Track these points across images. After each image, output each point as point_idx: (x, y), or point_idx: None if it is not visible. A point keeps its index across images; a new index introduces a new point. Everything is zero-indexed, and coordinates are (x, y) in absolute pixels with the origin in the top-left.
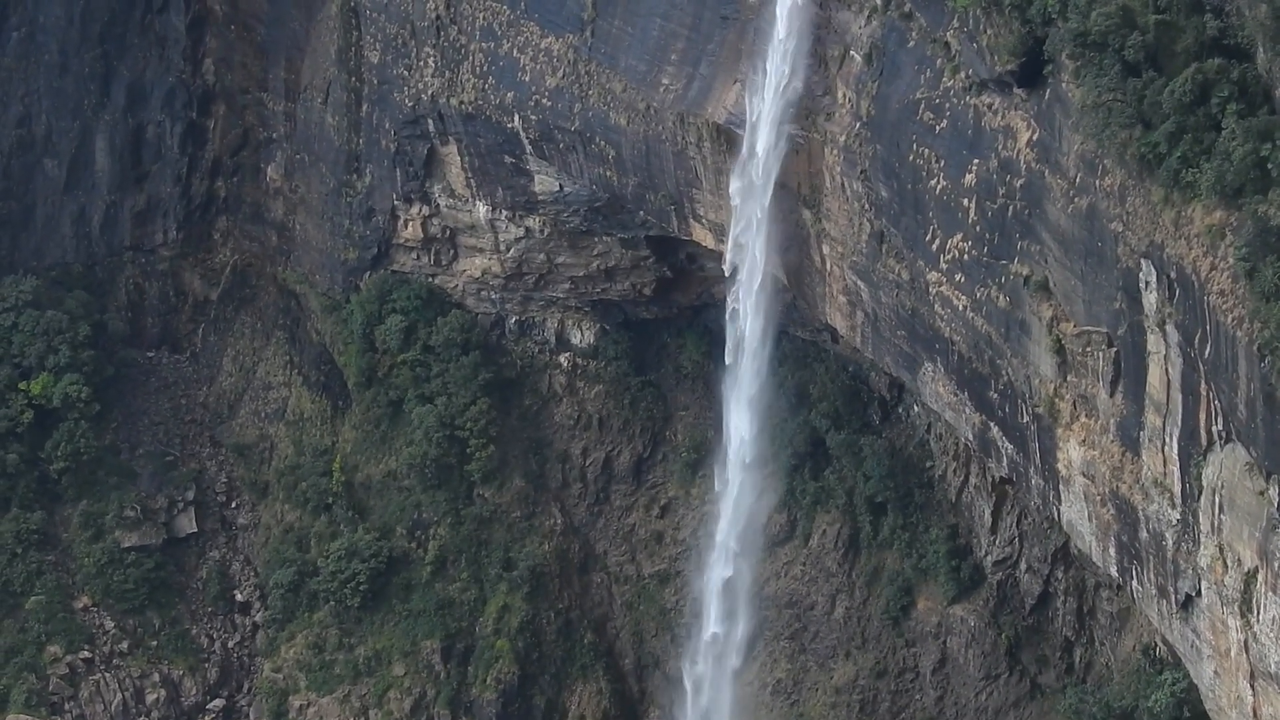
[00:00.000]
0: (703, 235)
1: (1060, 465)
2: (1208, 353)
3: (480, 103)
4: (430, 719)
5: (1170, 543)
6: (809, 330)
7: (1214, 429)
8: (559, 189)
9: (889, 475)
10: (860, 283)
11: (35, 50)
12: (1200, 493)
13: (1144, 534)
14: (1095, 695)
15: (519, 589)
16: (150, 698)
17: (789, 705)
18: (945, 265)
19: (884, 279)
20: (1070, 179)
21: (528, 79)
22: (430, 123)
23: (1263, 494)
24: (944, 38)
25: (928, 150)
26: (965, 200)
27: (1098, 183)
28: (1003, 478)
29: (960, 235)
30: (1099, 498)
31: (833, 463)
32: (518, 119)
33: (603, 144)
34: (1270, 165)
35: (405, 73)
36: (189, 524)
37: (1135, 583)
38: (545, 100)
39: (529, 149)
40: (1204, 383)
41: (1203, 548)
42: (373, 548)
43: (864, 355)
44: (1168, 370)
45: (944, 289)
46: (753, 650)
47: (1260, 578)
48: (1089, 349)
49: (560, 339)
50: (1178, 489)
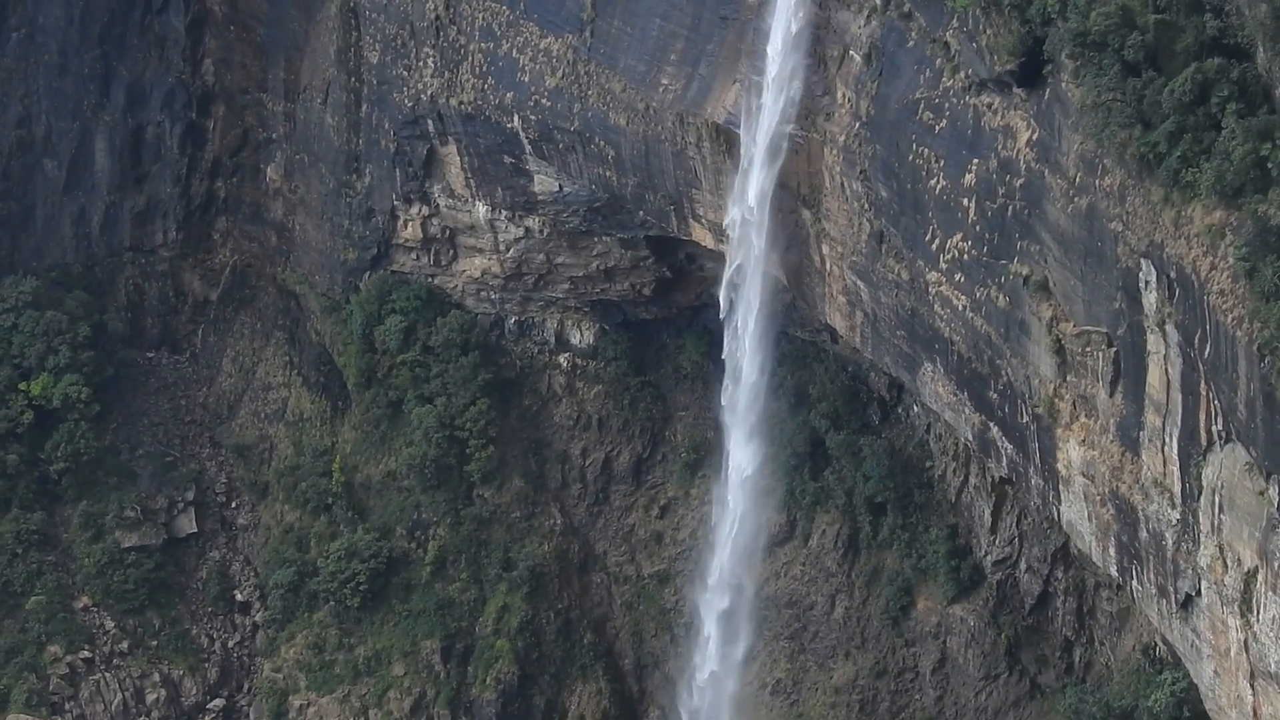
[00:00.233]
0: (702, 235)
1: (1060, 465)
2: (1207, 352)
3: (480, 103)
4: (430, 719)
5: (1170, 543)
6: (808, 330)
7: (1214, 429)
8: (558, 189)
9: (888, 475)
10: (860, 283)
11: (35, 50)
12: (1200, 493)
13: (1144, 534)
14: (1095, 695)
15: (519, 589)
16: (150, 698)
17: (789, 705)
18: (945, 265)
19: (883, 279)
20: (1070, 179)
21: (527, 79)
22: (430, 123)
23: (1263, 494)
24: (943, 38)
25: (927, 150)
26: (965, 200)
27: (1097, 182)
28: (1002, 478)
29: (960, 235)
30: (1099, 498)
31: (832, 463)
32: (517, 119)
33: (602, 144)
34: (1270, 165)
35: (405, 73)
36: (189, 524)
37: (1135, 582)
38: (545, 100)
39: (528, 149)
40: (1204, 382)
41: (1202, 548)
42: (372, 548)
43: (863, 355)
44: (1167, 370)
45: (943, 289)
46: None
47: (1260, 577)
48: (1089, 349)
49: (560, 339)
50: (1177, 489)
